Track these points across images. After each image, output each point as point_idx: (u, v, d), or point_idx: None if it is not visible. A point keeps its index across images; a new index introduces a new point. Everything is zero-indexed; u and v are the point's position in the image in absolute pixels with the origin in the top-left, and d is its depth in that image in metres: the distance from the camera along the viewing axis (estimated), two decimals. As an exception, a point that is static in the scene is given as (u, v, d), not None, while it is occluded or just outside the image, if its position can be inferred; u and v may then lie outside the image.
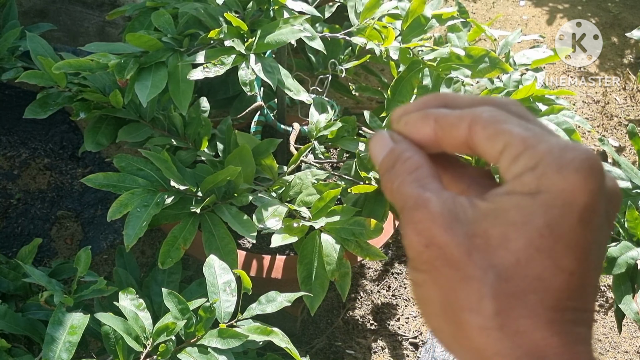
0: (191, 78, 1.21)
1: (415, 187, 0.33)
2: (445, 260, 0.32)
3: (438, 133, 0.35)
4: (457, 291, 0.31)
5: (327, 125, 1.47)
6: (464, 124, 0.34)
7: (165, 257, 1.21)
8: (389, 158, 0.36)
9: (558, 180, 0.30)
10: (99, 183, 1.23)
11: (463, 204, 0.32)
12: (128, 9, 1.51)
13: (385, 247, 2.02)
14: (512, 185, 0.31)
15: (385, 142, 0.37)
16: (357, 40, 1.39)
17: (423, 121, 0.36)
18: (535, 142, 0.31)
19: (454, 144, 0.35)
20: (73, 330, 1.02)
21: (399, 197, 0.34)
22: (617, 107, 2.66)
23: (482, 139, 0.33)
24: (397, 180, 0.34)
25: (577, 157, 0.30)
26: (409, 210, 0.33)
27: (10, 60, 1.62)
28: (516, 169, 0.31)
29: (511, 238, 0.30)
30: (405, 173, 0.34)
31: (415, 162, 0.35)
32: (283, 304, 1.15)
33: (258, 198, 1.31)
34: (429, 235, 0.32)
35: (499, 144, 0.32)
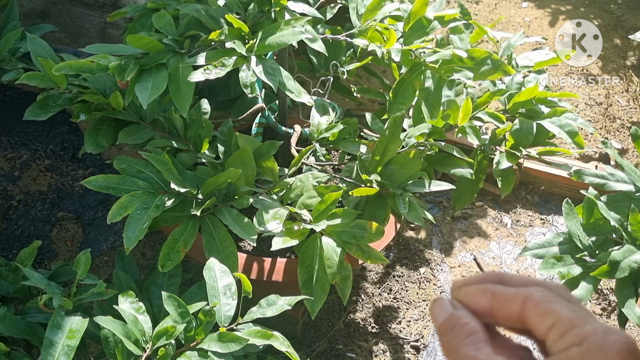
0: (192, 80, 1.20)
1: (472, 349, 0.38)
2: None
3: (494, 306, 0.40)
4: None
5: (329, 128, 1.47)
6: (518, 300, 0.38)
7: (166, 260, 1.20)
8: (449, 321, 0.40)
9: (600, 358, 0.34)
10: (99, 185, 1.22)
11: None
12: (129, 10, 1.50)
13: (387, 249, 2.01)
14: (559, 357, 0.35)
15: (445, 307, 0.41)
16: (358, 42, 1.38)
17: (482, 294, 0.41)
18: (582, 323, 0.36)
19: (508, 317, 0.39)
20: (72, 334, 1.01)
21: (457, 356, 0.38)
22: (620, 109, 2.66)
23: (533, 315, 0.38)
24: (456, 340, 0.39)
25: (618, 341, 0.34)
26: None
27: (11, 62, 1.61)
28: (563, 343, 0.35)
29: None
30: (463, 335, 0.39)
31: (473, 328, 0.39)
32: (284, 308, 1.14)
33: (259, 201, 1.31)
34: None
35: (549, 321, 0.37)
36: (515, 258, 2.04)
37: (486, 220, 2.17)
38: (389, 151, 1.36)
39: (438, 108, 1.34)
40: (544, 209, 2.22)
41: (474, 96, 1.56)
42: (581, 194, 1.37)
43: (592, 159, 2.38)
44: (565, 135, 1.50)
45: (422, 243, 2.07)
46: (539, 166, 2.22)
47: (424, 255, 2.02)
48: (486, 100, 1.49)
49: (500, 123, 1.49)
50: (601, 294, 1.97)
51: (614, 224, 1.32)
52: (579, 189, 2.12)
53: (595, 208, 1.34)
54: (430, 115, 1.34)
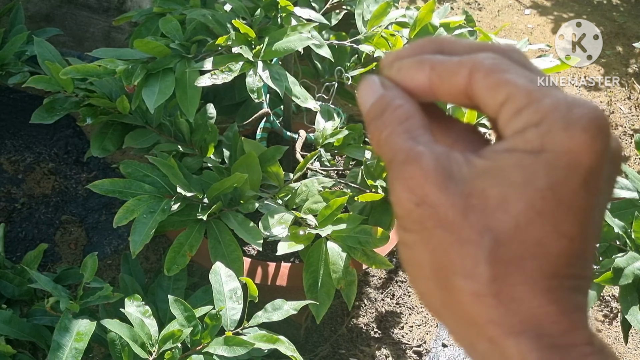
0: (199, 85, 1.21)
1: (406, 138, 0.31)
2: (438, 221, 0.29)
3: (434, 81, 0.32)
4: (450, 254, 0.29)
5: (334, 133, 1.47)
6: (463, 71, 0.31)
7: (171, 264, 1.21)
8: (378, 105, 0.33)
9: (564, 139, 0.28)
10: (105, 189, 1.23)
11: (458, 160, 0.30)
12: (135, 14, 1.51)
13: (390, 254, 2.01)
14: (514, 142, 0.29)
15: (374, 88, 0.34)
16: (364, 48, 1.39)
17: (418, 67, 0.33)
18: (541, 96, 0.29)
19: (451, 93, 0.32)
20: (79, 336, 1.02)
21: (388, 148, 0.31)
22: (622, 116, 2.66)
23: (482, 88, 0.30)
24: (386, 129, 0.32)
25: (585, 115, 0.28)
26: (399, 164, 0.31)
27: (17, 65, 1.62)
28: (518, 124, 0.29)
29: (511, 200, 0.29)
30: (395, 122, 0.32)
31: (407, 111, 0.32)
32: (289, 312, 1.15)
33: (264, 205, 1.31)
34: (421, 193, 0.30)
35: (501, 95, 0.30)
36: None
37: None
38: (394, 157, 1.37)
39: (443, 114, 1.35)
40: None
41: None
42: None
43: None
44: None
45: (425, 249, 2.07)
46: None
47: (427, 261, 2.03)
48: (491, 107, 1.49)
49: (505, 130, 1.49)
50: (603, 300, 1.98)
51: (617, 230, 1.32)
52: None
53: (599, 215, 1.34)
54: (436, 122, 1.35)
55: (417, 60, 0.33)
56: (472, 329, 0.30)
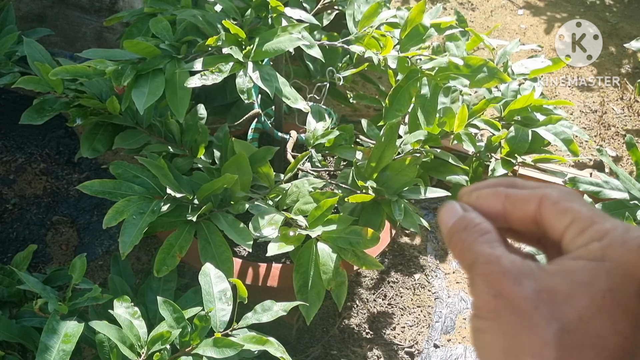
0: (189, 85, 1.20)
1: (486, 246, 0.36)
2: (512, 309, 0.34)
3: (508, 208, 0.39)
4: (520, 337, 0.34)
5: (325, 134, 1.47)
6: (534, 200, 0.37)
7: (161, 265, 1.20)
8: (460, 222, 0.39)
9: (622, 252, 0.33)
10: (95, 190, 1.22)
11: (530, 264, 0.35)
12: (126, 15, 1.50)
13: (382, 255, 2.01)
14: (579, 253, 0.35)
15: (455, 210, 0.40)
16: (355, 49, 1.39)
17: (494, 196, 0.40)
18: (602, 220, 0.35)
19: (522, 218, 0.38)
20: (67, 338, 1.01)
21: (470, 254, 0.37)
22: (615, 116, 2.67)
23: (551, 214, 0.37)
24: (469, 239, 0.37)
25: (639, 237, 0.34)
26: (481, 264, 0.36)
27: (7, 65, 1.61)
28: (582, 240, 0.35)
29: (576, 296, 0.33)
30: (477, 234, 0.37)
31: (486, 228, 0.38)
32: (279, 314, 1.14)
33: (254, 206, 1.31)
34: (499, 287, 0.34)
35: (567, 219, 0.36)
36: (509, 265, 2.04)
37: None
38: (385, 158, 1.37)
39: (434, 115, 1.35)
40: (538, 216, 2.23)
41: (470, 103, 1.57)
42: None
43: (587, 166, 2.39)
44: (560, 142, 1.50)
45: (417, 249, 2.07)
46: (534, 173, 2.22)
47: (419, 262, 2.03)
48: (482, 108, 1.49)
49: (496, 130, 1.50)
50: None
51: (608, 231, 1.32)
52: (573, 196, 2.12)
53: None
54: (426, 122, 1.35)
55: (494, 191, 0.40)
56: None
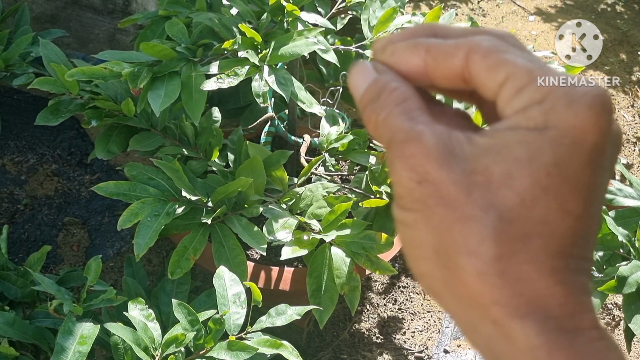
0: (205, 89, 1.21)
1: (404, 119, 0.30)
2: (441, 199, 0.29)
3: (429, 63, 0.32)
4: (453, 232, 0.29)
5: (338, 138, 1.47)
6: (460, 53, 0.30)
7: (175, 268, 1.20)
8: (373, 89, 0.32)
9: (568, 116, 0.28)
10: (110, 191, 1.23)
11: (459, 138, 0.30)
12: (140, 17, 1.51)
13: (393, 260, 2.01)
14: (516, 120, 0.29)
15: (367, 73, 0.33)
16: (370, 54, 1.39)
17: (412, 51, 0.32)
18: (542, 74, 0.29)
19: (447, 76, 0.31)
20: (83, 340, 1.01)
21: (386, 129, 0.31)
22: (625, 124, 2.66)
23: (481, 69, 0.30)
24: (384, 112, 0.31)
25: (589, 93, 0.28)
26: (399, 143, 0.30)
27: (22, 66, 1.62)
28: (520, 102, 0.29)
29: (515, 176, 0.28)
30: (392, 104, 0.31)
31: (403, 94, 0.31)
32: (293, 317, 1.14)
33: (268, 210, 1.31)
34: (423, 171, 0.29)
35: (501, 75, 0.29)
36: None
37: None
38: (399, 163, 1.36)
39: (448, 120, 1.35)
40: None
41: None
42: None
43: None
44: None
45: (427, 254, 2.06)
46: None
47: (429, 267, 2.02)
48: (496, 114, 1.49)
49: (509, 136, 1.49)
50: (605, 308, 1.97)
51: (621, 239, 1.32)
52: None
53: (603, 223, 1.34)
54: (441, 128, 1.34)
55: (412, 43, 0.32)
56: (475, 310, 0.29)
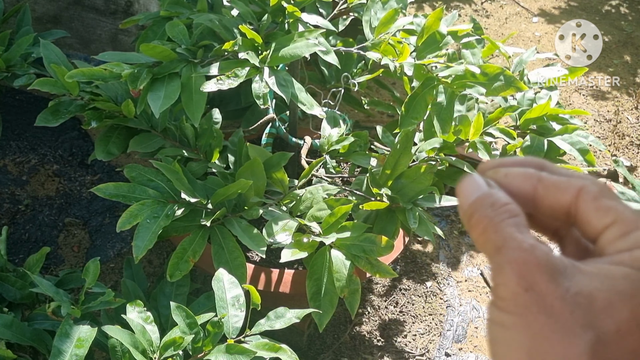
0: (205, 90, 1.20)
1: (516, 230, 0.33)
2: (544, 308, 0.31)
3: (540, 192, 0.35)
4: (552, 341, 0.31)
5: (339, 140, 1.46)
6: (572, 190, 0.34)
7: (174, 270, 1.20)
8: (485, 199, 0.35)
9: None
10: (109, 193, 1.22)
11: (565, 261, 0.32)
12: (142, 18, 1.50)
13: (394, 262, 2.00)
14: (620, 258, 0.32)
15: (479, 184, 0.36)
16: (371, 55, 1.38)
17: (525, 177, 0.36)
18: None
19: (553, 207, 0.35)
20: (80, 343, 1.01)
21: (498, 235, 0.33)
22: (629, 126, 2.65)
23: (590, 209, 0.34)
24: (496, 218, 0.34)
25: None
26: (512, 250, 0.32)
27: (23, 67, 1.62)
28: (625, 244, 0.32)
29: (616, 306, 0.31)
30: (506, 215, 0.34)
31: (515, 209, 0.34)
32: (292, 321, 1.14)
33: (268, 212, 1.30)
34: (532, 280, 0.31)
35: (608, 219, 0.33)
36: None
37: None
38: (400, 165, 1.36)
39: (450, 123, 1.34)
40: (551, 225, 2.21)
41: (486, 112, 1.56)
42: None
43: (601, 175, 2.37)
44: (576, 152, 1.49)
45: (429, 257, 2.06)
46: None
47: (431, 269, 2.02)
48: (498, 116, 1.48)
49: (511, 139, 1.49)
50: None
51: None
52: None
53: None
54: (442, 130, 1.34)
55: (525, 171, 0.36)
56: None
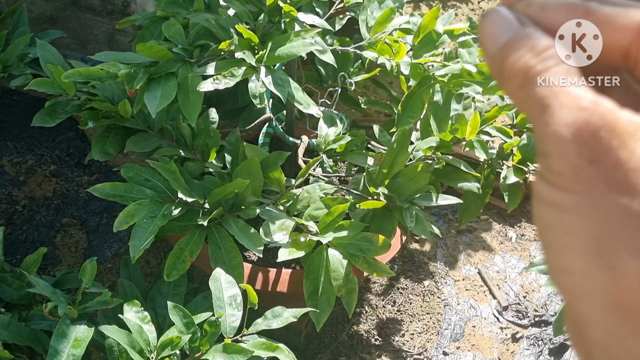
0: (201, 90, 1.20)
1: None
2: (617, 185, 0.24)
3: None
4: (628, 228, 0.24)
5: (336, 139, 1.46)
6: (632, 25, 0.26)
7: (171, 270, 1.20)
8: (520, 41, 0.27)
9: None
10: (106, 193, 1.22)
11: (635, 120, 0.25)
12: (138, 18, 1.50)
13: (391, 261, 2.00)
14: None
15: (509, 22, 0.28)
16: (368, 55, 1.38)
17: (568, 10, 0.28)
18: None
19: (609, 49, 0.28)
20: (77, 343, 1.01)
21: (544, 89, 0.26)
22: (626, 124, 2.65)
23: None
24: (539, 66, 0.26)
25: None
26: (567, 108, 0.25)
27: (20, 67, 1.61)
28: None
29: None
30: (550, 61, 0.26)
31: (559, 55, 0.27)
32: (289, 320, 1.14)
33: (265, 211, 1.31)
34: (600, 148, 0.24)
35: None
36: (519, 272, 2.03)
37: (491, 234, 2.16)
38: (397, 164, 1.36)
39: (446, 122, 1.34)
40: (549, 224, 2.21)
41: (482, 110, 1.56)
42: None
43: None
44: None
45: (427, 255, 2.06)
46: (545, 180, 2.21)
47: (429, 268, 2.02)
48: (494, 115, 1.49)
49: (508, 138, 1.49)
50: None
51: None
52: (584, 204, 2.11)
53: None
54: (439, 129, 1.34)
55: (568, 1, 0.28)
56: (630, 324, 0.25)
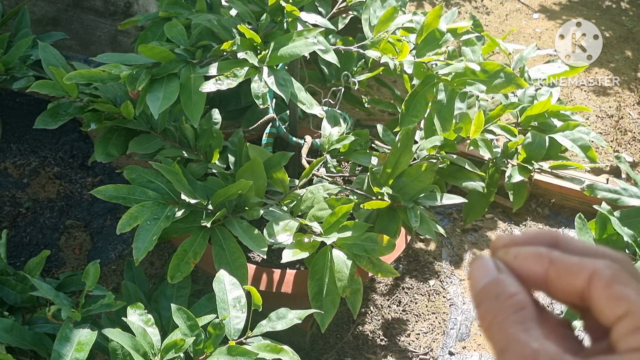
0: (203, 90, 1.19)
1: (520, 330, 0.32)
2: None
3: (551, 276, 0.34)
4: None
5: (340, 139, 1.46)
6: (583, 274, 0.32)
7: (175, 272, 1.19)
8: (492, 288, 0.34)
9: None
10: (109, 195, 1.22)
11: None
12: (140, 18, 1.50)
13: (396, 261, 1.99)
14: (631, 357, 0.30)
15: (489, 269, 0.35)
16: (371, 54, 1.37)
17: (536, 259, 0.34)
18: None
19: (565, 291, 0.33)
20: (80, 346, 1.00)
21: (501, 336, 0.32)
22: (631, 121, 2.64)
23: (602, 297, 0.32)
24: (500, 315, 0.33)
25: None
26: (514, 356, 0.31)
27: (22, 69, 1.61)
28: (635, 341, 0.31)
29: None
30: (510, 310, 0.33)
31: (522, 302, 0.33)
32: (293, 322, 1.13)
33: (269, 212, 1.30)
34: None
35: (620, 309, 0.31)
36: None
37: (496, 233, 2.15)
38: (401, 164, 1.35)
39: (450, 121, 1.33)
40: (554, 222, 2.21)
41: (486, 109, 1.55)
42: (592, 207, 1.36)
43: (603, 171, 2.36)
44: (578, 149, 1.48)
45: (432, 255, 2.05)
46: (550, 179, 2.21)
47: (434, 267, 2.01)
48: (498, 113, 1.48)
49: (513, 136, 1.48)
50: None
51: (627, 239, 1.30)
52: (590, 203, 2.10)
53: (608, 223, 1.32)
54: (443, 128, 1.33)
55: (536, 252, 0.34)
56: None
